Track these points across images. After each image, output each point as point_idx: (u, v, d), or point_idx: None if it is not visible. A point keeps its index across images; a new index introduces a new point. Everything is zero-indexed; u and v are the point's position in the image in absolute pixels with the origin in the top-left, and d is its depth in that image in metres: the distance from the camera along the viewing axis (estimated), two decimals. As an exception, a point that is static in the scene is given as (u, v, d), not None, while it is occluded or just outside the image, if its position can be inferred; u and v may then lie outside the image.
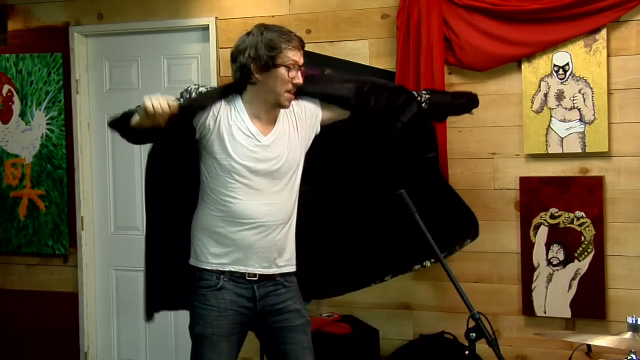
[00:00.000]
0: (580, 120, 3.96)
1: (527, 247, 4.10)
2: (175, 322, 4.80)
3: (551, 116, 4.02)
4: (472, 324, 2.59)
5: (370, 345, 4.07)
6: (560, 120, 4.00)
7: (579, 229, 4.00)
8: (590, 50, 3.92)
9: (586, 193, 3.97)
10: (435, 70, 4.05)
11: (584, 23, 3.88)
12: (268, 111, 3.09)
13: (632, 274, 3.93)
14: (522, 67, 4.06)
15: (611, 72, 3.91)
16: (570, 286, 4.03)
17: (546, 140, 4.04)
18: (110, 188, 5.01)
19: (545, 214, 4.05)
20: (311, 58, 4.42)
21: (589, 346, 3.13)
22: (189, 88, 3.16)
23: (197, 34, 4.74)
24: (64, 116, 4.96)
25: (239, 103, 3.07)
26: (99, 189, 5.03)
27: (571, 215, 4.00)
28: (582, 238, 3.99)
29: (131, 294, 4.94)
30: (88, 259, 5.00)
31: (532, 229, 4.08)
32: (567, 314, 4.03)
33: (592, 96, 3.93)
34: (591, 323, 4.00)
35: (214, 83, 4.56)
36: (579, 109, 3.96)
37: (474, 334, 2.58)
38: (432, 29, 4.05)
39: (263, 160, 3.04)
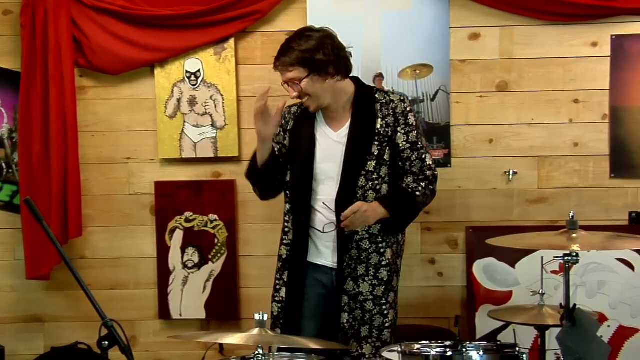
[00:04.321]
0: (212, 125, 4.08)
1: (163, 251, 4.12)
2: None
3: (184, 121, 4.09)
4: (105, 332, 2.53)
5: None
6: (193, 126, 4.09)
7: (212, 231, 4.12)
8: (220, 59, 4.05)
9: (219, 196, 4.10)
10: (64, 72, 3.94)
11: (212, 32, 3.99)
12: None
13: (261, 272, 4.13)
14: (155, 72, 4.07)
15: (240, 80, 4.08)
16: (205, 288, 4.13)
17: (180, 145, 4.09)
18: None
19: (181, 218, 4.11)
20: None
21: (221, 345, 3.23)
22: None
23: None
24: None
25: None
26: None
27: (205, 218, 4.11)
28: (216, 240, 4.11)
29: None
30: None
31: (167, 233, 4.12)
32: (202, 315, 4.13)
33: (223, 103, 4.07)
34: (225, 322, 4.14)
35: None
36: (211, 115, 4.08)
37: (106, 342, 2.53)
38: (60, 29, 3.92)
39: None
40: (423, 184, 3.25)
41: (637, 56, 3.96)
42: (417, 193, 3.25)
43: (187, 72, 4.07)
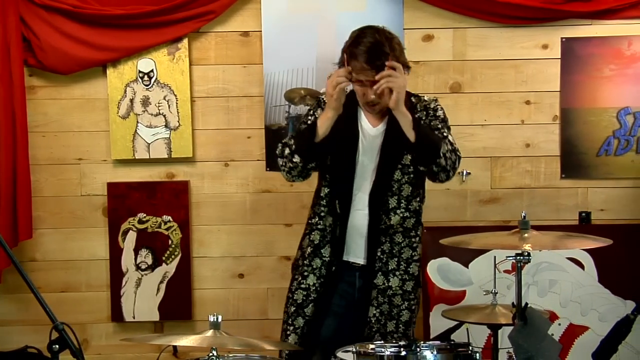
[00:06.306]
0: (166, 126, 4.06)
1: (115, 253, 4.09)
2: None
3: (137, 122, 4.05)
4: (56, 335, 2.50)
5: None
6: (147, 126, 4.06)
7: (166, 232, 4.09)
8: (173, 59, 4.03)
9: (173, 197, 4.08)
10: (13, 72, 3.89)
11: (166, 32, 3.97)
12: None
13: (215, 274, 4.13)
14: (108, 72, 4.03)
15: (193, 80, 4.06)
16: (158, 289, 4.10)
17: (133, 146, 4.06)
18: None
19: (134, 219, 4.07)
20: None
21: (175, 347, 3.20)
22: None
23: None
24: None
25: None
26: None
27: (159, 219, 4.08)
28: (170, 242, 4.09)
29: None
30: None
31: (120, 234, 4.08)
32: (156, 317, 4.10)
33: (177, 103, 4.04)
34: (179, 324, 4.12)
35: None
36: (164, 115, 4.05)
37: (57, 346, 2.50)
38: (8, 28, 3.87)
39: None
40: (449, 147, 3.15)
41: (587, 58, 4.03)
42: (446, 143, 3.13)
43: (140, 72, 4.04)
